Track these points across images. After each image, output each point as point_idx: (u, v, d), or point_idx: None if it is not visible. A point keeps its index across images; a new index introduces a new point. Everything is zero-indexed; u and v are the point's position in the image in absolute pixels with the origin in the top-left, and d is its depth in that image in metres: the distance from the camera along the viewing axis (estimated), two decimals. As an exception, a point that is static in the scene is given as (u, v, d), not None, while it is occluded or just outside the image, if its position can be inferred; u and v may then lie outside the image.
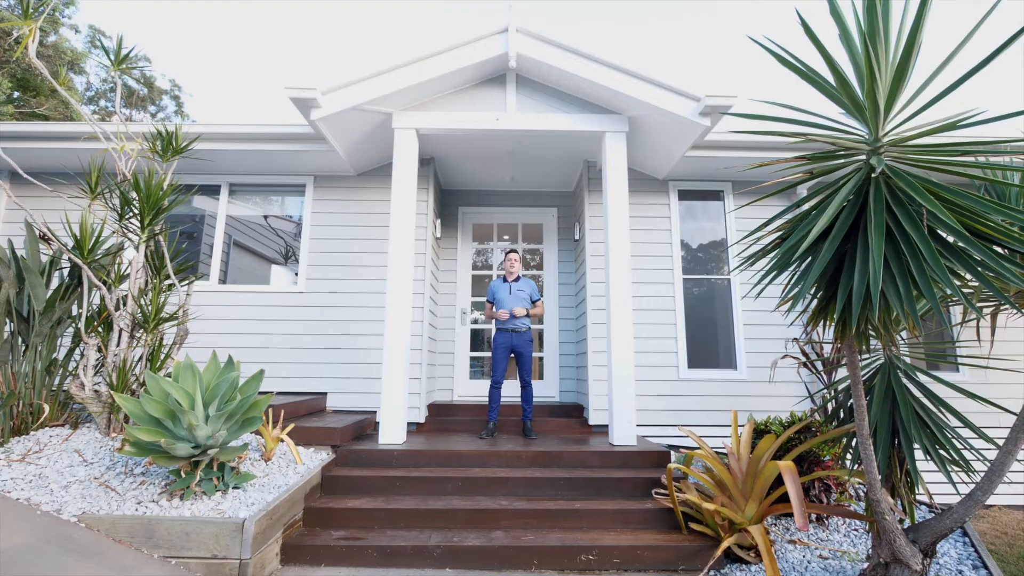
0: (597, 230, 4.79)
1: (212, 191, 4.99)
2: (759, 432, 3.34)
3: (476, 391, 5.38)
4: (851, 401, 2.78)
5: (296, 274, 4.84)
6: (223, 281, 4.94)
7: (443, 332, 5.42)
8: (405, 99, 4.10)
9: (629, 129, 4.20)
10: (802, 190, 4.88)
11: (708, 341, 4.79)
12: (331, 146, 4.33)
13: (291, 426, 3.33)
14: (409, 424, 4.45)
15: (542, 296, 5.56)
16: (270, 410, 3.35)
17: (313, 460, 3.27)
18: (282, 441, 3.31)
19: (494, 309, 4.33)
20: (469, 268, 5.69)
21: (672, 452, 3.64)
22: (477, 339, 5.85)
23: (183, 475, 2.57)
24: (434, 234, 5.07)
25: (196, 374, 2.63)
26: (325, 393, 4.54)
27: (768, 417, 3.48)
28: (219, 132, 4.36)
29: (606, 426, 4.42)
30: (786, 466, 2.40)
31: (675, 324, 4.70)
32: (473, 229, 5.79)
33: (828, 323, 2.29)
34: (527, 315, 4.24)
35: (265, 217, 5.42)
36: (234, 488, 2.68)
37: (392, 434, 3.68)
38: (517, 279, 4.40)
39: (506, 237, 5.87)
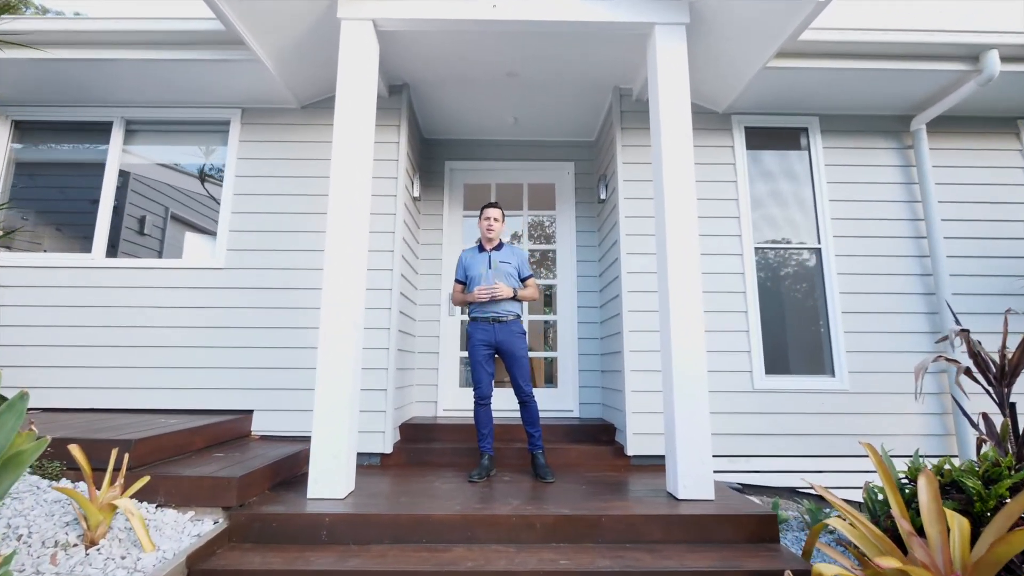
0: (635, 182, 3.43)
1: (101, 132, 3.62)
2: (943, 488, 1.99)
3: (468, 403, 4.03)
4: None
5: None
6: (132, 254, 3.61)
7: (423, 325, 4.07)
8: (356, -26, 2.73)
9: (689, 22, 2.82)
10: (918, 124, 3.51)
11: (791, 336, 3.43)
12: (253, 53, 2.97)
13: (143, 480, 1.98)
14: (369, 456, 3.10)
15: (555, 276, 4.21)
16: (113, 451, 2.00)
17: (181, 538, 1.92)
18: (137, 504, 1.97)
19: (466, 290, 2.98)
20: (460, 242, 4.33)
21: (771, 507, 2.30)
22: (471, 335, 4.52)
23: None
24: (409, 192, 3.72)
25: None
26: (250, 411, 3.19)
27: (943, 463, 2.12)
28: (84, 30, 3.00)
29: (652, 457, 3.08)
30: None
31: (745, 312, 3.34)
32: (465, 191, 4.43)
33: None
34: (514, 297, 2.91)
35: (202, 181, 4.06)
36: (-36, 630, 1.34)
37: (328, 483, 2.33)
38: (499, 247, 3.05)
39: (505, 213, 4.50)
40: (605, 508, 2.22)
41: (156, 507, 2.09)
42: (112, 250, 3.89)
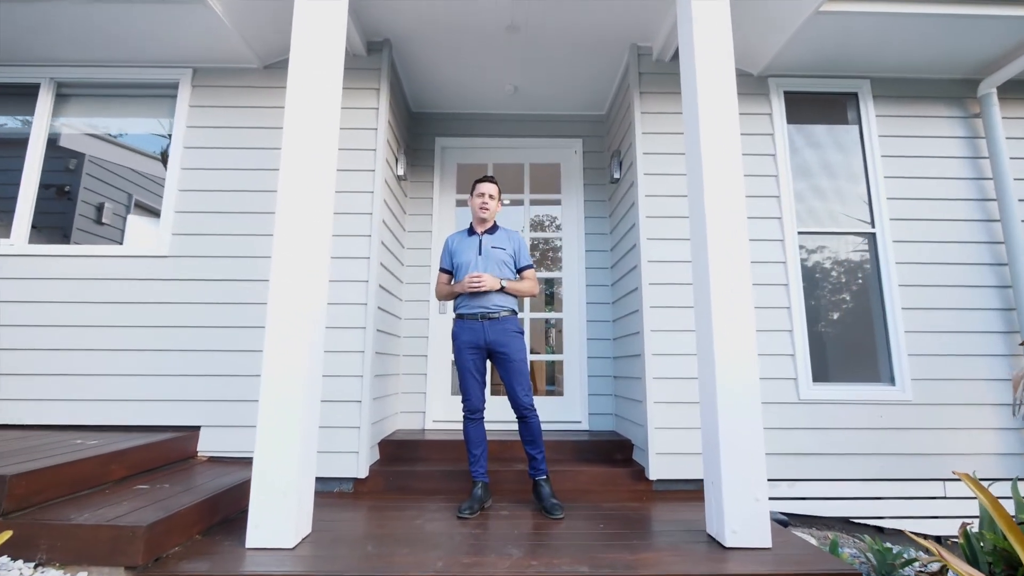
0: (656, 155, 2.91)
1: (26, 96, 3.08)
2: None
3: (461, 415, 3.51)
4: None
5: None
6: (75, 240, 3.09)
7: (409, 324, 3.54)
8: None
9: (729, -48, 2.30)
10: (987, 88, 2.99)
11: (842, 337, 2.92)
12: (196, -6, 2.44)
13: (3, 536, 1.44)
14: (340, 481, 2.58)
15: (560, 268, 3.70)
16: (-30, 495, 1.47)
17: (57, 616, 1.39)
18: (3, 567, 1.44)
19: (453, 281, 2.48)
20: (453, 229, 3.80)
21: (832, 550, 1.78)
22: (465, 335, 4.01)
23: None
24: (392, 169, 3.19)
25: None
26: (197, 427, 2.66)
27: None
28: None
29: (680, 482, 2.58)
30: None
31: (788, 308, 2.82)
32: (458, 172, 3.90)
33: None
34: (501, 289, 2.39)
35: (165, 163, 3.52)
36: None
37: (274, 528, 1.80)
38: (493, 229, 2.53)
39: (503, 195, 3.98)
40: (633, 563, 1.70)
41: (35, 567, 1.56)
42: (65, 240, 3.41)
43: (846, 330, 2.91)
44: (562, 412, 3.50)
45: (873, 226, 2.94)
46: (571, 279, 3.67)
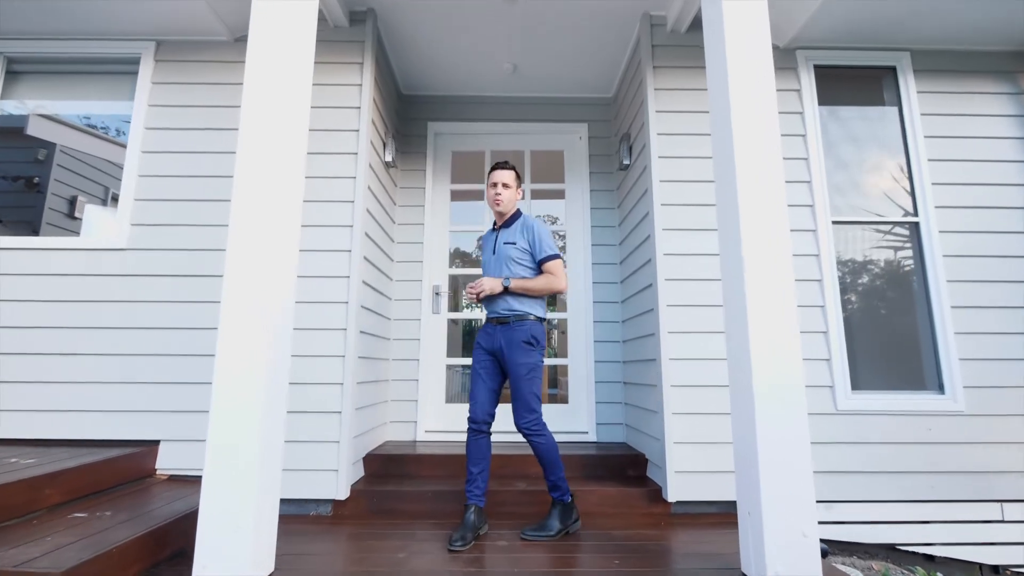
0: (672, 136, 2.61)
1: (-26, 71, 2.79)
2: None
3: (456, 423, 3.20)
4: None
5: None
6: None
7: (400, 325, 3.24)
8: None
9: None
10: (1044, 63, 2.67)
11: (882, 340, 2.60)
12: (151, -51, 2.14)
13: None
14: (317, 503, 2.28)
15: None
16: None
17: None
18: None
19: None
20: (447, 223, 3.50)
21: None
22: (466, 335, 3.77)
23: None
24: (379, 154, 2.89)
25: None
26: (156, 441, 2.36)
27: None
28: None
29: (703, 504, 2.27)
30: None
31: (823, 307, 2.51)
32: (453, 160, 3.59)
33: None
34: (508, 288, 2.09)
35: None
36: None
37: (226, 569, 1.50)
38: (511, 222, 2.22)
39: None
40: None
41: (-79, 626, 1.26)
42: (34, 235, 3.14)
43: (888, 332, 2.59)
44: (567, 422, 3.19)
45: (916, 215, 2.63)
46: (576, 276, 3.36)
